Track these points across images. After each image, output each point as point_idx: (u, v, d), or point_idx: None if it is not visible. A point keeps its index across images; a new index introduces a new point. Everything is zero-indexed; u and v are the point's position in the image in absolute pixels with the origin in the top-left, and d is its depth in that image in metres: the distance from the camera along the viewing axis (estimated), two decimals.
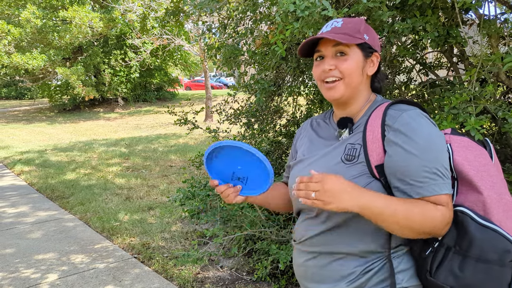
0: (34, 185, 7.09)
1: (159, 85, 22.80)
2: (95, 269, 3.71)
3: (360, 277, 1.20)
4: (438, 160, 1.12)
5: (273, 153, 3.90)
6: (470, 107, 1.98)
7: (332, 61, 1.25)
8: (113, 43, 19.62)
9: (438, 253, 1.15)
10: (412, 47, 2.69)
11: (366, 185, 1.16)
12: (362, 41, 1.24)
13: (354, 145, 1.23)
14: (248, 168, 1.31)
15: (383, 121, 1.19)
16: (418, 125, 1.15)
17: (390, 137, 1.16)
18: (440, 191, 1.11)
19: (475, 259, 1.10)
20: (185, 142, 10.96)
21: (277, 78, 3.42)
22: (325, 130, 1.38)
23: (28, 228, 4.85)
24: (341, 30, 1.25)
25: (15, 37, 15.92)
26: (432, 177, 1.11)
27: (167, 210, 5.36)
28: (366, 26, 1.28)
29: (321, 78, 1.28)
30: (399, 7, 2.37)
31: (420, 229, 1.11)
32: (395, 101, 1.24)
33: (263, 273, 3.17)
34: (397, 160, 1.14)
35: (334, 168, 1.22)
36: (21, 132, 14.43)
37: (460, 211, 1.13)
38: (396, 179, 1.15)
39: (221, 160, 1.32)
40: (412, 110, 1.18)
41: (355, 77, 1.25)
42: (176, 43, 14.61)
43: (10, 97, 31.05)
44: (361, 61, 1.25)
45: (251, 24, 3.00)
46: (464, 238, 1.11)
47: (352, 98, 1.28)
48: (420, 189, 1.12)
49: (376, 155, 1.18)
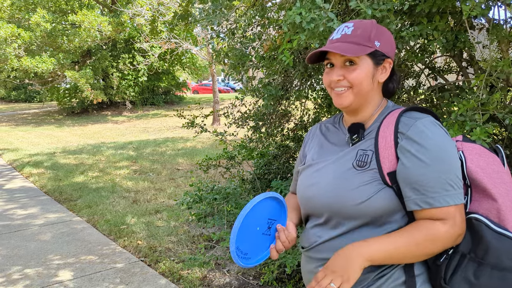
0: (43, 187, 7.14)
1: (167, 89, 22.91)
2: (102, 271, 3.72)
3: (372, 283, 1.19)
4: (452, 169, 1.12)
5: (281, 157, 3.89)
6: (477, 114, 1.96)
7: (340, 71, 1.23)
8: (121, 47, 19.77)
9: (452, 260, 1.14)
10: (420, 52, 2.67)
11: (377, 192, 1.16)
12: (371, 49, 1.20)
13: (366, 151, 1.22)
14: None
15: (396, 128, 1.18)
16: (431, 134, 1.14)
17: (404, 144, 1.15)
18: (451, 202, 1.10)
19: (490, 266, 1.09)
20: (192, 146, 10.98)
21: (285, 82, 3.42)
22: (335, 135, 1.36)
23: (37, 230, 4.88)
24: (350, 38, 1.22)
25: (25, 41, 16.08)
26: (444, 187, 1.11)
27: (174, 214, 5.36)
28: (378, 30, 1.24)
29: (331, 86, 1.27)
30: (407, 12, 2.36)
31: (431, 250, 1.13)
32: (408, 108, 1.23)
33: (270, 278, 3.16)
34: (410, 169, 1.13)
35: (345, 174, 1.22)
36: (30, 135, 14.55)
37: (475, 218, 1.13)
38: (408, 188, 1.14)
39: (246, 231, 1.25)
40: (425, 118, 1.17)
41: (364, 86, 1.22)
42: (184, 47, 14.67)
43: (20, 100, 31.36)
44: (371, 69, 1.22)
45: (259, 29, 3.00)
46: (479, 245, 1.11)
47: (362, 105, 1.26)
48: (431, 200, 1.11)
49: (388, 162, 1.17)
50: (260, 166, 4.03)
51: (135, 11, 14.25)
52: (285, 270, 3.17)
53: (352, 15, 2.24)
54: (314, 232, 1.30)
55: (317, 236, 1.28)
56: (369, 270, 1.19)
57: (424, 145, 1.12)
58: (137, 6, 14.83)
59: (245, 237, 1.24)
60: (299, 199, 1.36)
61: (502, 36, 2.21)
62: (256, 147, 3.90)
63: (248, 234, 1.24)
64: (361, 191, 1.17)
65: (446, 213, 1.11)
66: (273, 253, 1.29)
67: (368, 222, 1.18)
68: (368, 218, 1.18)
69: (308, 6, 1.92)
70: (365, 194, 1.16)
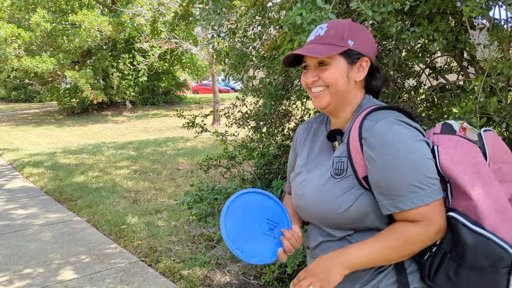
0: (43, 187, 7.14)
1: (167, 89, 22.92)
2: (102, 271, 3.72)
3: (373, 277, 1.21)
4: (416, 170, 1.09)
5: (281, 157, 3.89)
6: (475, 117, 1.96)
7: (314, 72, 1.24)
8: (121, 46, 19.77)
9: (435, 258, 1.14)
10: (421, 52, 2.67)
11: (358, 197, 1.16)
12: (343, 49, 1.20)
13: (341, 158, 1.22)
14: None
15: (360, 133, 1.17)
16: (393, 135, 1.11)
17: (367, 151, 1.15)
18: (419, 203, 1.09)
19: (468, 266, 1.09)
20: (193, 146, 10.98)
21: (285, 81, 3.42)
22: (320, 139, 1.37)
23: (37, 230, 4.88)
24: (323, 38, 1.23)
25: (25, 41, 16.08)
26: (410, 189, 1.09)
27: (175, 214, 5.36)
28: (352, 29, 1.23)
29: (308, 87, 1.28)
30: (408, 13, 2.35)
31: (410, 251, 1.13)
32: (373, 108, 1.20)
33: (271, 278, 3.16)
34: (374, 174, 1.13)
35: (325, 184, 1.23)
36: (30, 135, 14.55)
37: (452, 217, 1.11)
38: (377, 192, 1.14)
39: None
40: (385, 119, 1.14)
41: (340, 85, 1.22)
42: (184, 47, 14.67)
43: (20, 100, 31.35)
44: (345, 68, 1.22)
45: (259, 29, 3.00)
46: (458, 244, 1.10)
47: (341, 105, 1.26)
48: (399, 203, 1.11)
49: (360, 167, 1.17)
50: (261, 166, 4.03)
51: (135, 11, 14.26)
52: (286, 270, 3.17)
53: (353, 16, 2.24)
54: (316, 230, 1.31)
55: (316, 237, 1.31)
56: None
57: (384, 149, 1.11)
58: (137, 6, 14.83)
59: (241, 230, 1.28)
60: (295, 207, 1.38)
61: (503, 36, 2.21)
62: (257, 147, 3.90)
63: (245, 229, 1.28)
64: (342, 199, 1.18)
65: (418, 215, 1.10)
66: (281, 256, 1.29)
67: (352, 227, 1.20)
68: (351, 223, 1.19)
69: (309, 7, 1.92)
70: (346, 202, 1.17)
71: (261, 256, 1.28)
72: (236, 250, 1.25)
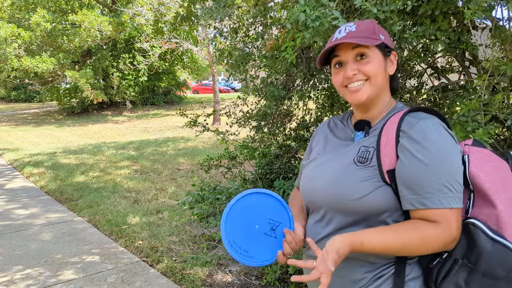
0: (44, 187, 7.13)
1: (167, 89, 22.92)
2: (103, 272, 3.72)
3: (371, 283, 1.19)
4: (450, 172, 1.10)
5: (282, 157, 3.89)
6: (479, 115, 1.96)
7: (354, 65, 1.23)
8: (121, 46, 19.76)
9: (445, 264, 1.13)
10: (423, 52, 2.67)
11: (375, 188, 1.15)
12: (380, 41, 1.22)
13: (368, 148, 1.22)
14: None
15: (399, 127, 1.17)
16: (434, 135, 1.12)
17: (404, 143, 1.14)
18: (446, 204, 1.08)
19: (482, 273, 1.07)
20: (193, 146, 10.98)
21: (287, 81, 3.42)
22: (342, 131, 1.37)
23: (38, 230, 4.88)
24: (357, 33, 1.23)
25: (25, 41, 16.08)
26: (441, 189, 1.09)
27: (176, 214, 5.36)
28: (378, 26, 1.27)
29: (344, 84, 1.26)
30: (410, 12, 2.35)
31: (421, 251, 1.12)
32: (415, 108, 1.22)
33: (272, 278, 3.16)
34: (407, 167, 1.12)
35: (345, 169, 1.22)
36: (30, 135, 14.55)
37: (472, 223, 1.10)
38: (404, 187, 1.13)
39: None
40: (430, 119, 1.16)
41: (380, 77, 1.23)
42: (185, 47, 14.67)
43: (19, 100, 31.35)
44: (382, 61, 1.24)
45: (261, 29, 3.00)
46: (473, 251, 1.08)
47: (376, 99, 1.26)
48: (426, 200, 1.10)
49: (388, 159, 1.16)
50: (262, 166, 4.02)
51: (135, 11, 14.25)
52: (287, 270, 3.17)
53: (356, 14, 2.24)
54: (315, 229, 1.30)
55: (316, 233, 1.29)
56: (367, 270, 1.19)
57: (424, 145, 1.11)
58: (137, 6, 14.82)
59: (242, 232, 1.29)
60: (302, 192, 1.37)
61: (505, 36, 2.21)
62: (258, 147, 3.90)
63: (246, 230, 1.29)
64: (359, 186, 1.17)
65: (440, 216, 1.09)
66: (280, 258, 1.29)
67: (362, 219, 1.18)
68: (363, 214, 1.18)
69: (312, 4, 1.91)
70: (363, 190, 1.16)
71: (260, 258, 1.29)
72: (235, 254, 1.27)
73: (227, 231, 1.29)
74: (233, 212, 1.31)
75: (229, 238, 1.28)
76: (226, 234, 1.28)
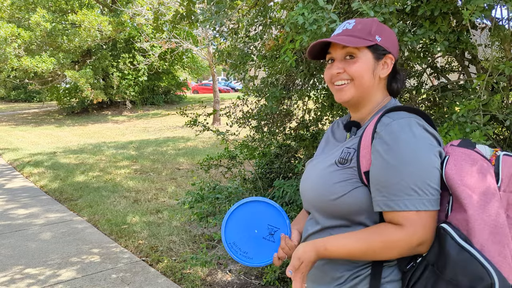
0: (43, 187, 7.14)
1: (167, 89, 22.91)
2: (103, 271, 3.72)
3: (348, 282, 1.20)
4: (420, 174, 1.07)
5: (282, 156, 3.89)
6: (478, 115, 1.96)
7: (340, 64, 1.24)
8: (121, 46, 19.76)
9: (418, 269, 1.10)
10: (423, 53, 2.67)
11: (352, 189, 1.16)
12: (371, 43, 1.21)
13: (350, 149, 1.22)
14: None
15: (375, 127, 1.16)
16: (405, 135, 1.10)
17: (375, 144, 1.13)
18: (411, 207, 1.06)
19: (446, 281, 1.03)
20: (193, 146, 10.98)
21: (287, 81, 3.42)
22: (339, 132, 1.39)
23: (38, 230, 4.88)
24: (351, 32, 1.23)
25: (25, 40, 16.08)
26: (407, 191, 1.07)
27: (175, 213, 5.36)
28: (379, 26, 1.25)
29: (331, 80, 1.27)
30: (409, 13, 2.35)
31: (387, 254, 1.11)
32: (395, 107, 1.19)
33: (272, 278, 3.16)
34: (377, 169, 1.12)
35: (326, 170, 1.23)
36: (30, 135, 14.55)
37: (442, 228, 1.06)
38: (374, 188, 1.12)
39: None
40: (405, 119, 1.13)
41: (366, 79, 1.22)
42: (185, 47, 14.67)
43: (19, 99, 31.33)
44: (371, 63, 1.22)
45: (261, 29, 3.00)
46: (441, 257, 1.05)
47: (363, 100, 1.26)
48: (391, 202, 1.08)
49: (365, 161, 1.16)
50: (262, 165, 4.03)
51: (135, 10, 14.25)
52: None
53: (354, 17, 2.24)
54: (306, 226, 1.34)
55: (306, 230, 1.33)
56: (346, 268, 1.20)
57: (393, 146, 1.09)
58: (137, 6, 14.83)
59: (242, 235, 1.39)
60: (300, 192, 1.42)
61: (505, 36, 2.21)
62: (258, 146, 3.90)
63: (246, 234, 1.39)
64: (337, 187, 1.17)
65: (405, 219, 1.07)
66: (275, 261, 1.35)
67: (342, 220, 1.20)
68: (341, 215, 1.19)
69: (310, 7, 1.91)
70: (339, 190, 1.17)
71: (258, 260, 1.37)
72: (234, 255, 1.36)
73: (227, 234, 1.38)
74: (233, 217, 1.40)
75: (229, 240, 1.38)
76: (226, 237, 1.38)
